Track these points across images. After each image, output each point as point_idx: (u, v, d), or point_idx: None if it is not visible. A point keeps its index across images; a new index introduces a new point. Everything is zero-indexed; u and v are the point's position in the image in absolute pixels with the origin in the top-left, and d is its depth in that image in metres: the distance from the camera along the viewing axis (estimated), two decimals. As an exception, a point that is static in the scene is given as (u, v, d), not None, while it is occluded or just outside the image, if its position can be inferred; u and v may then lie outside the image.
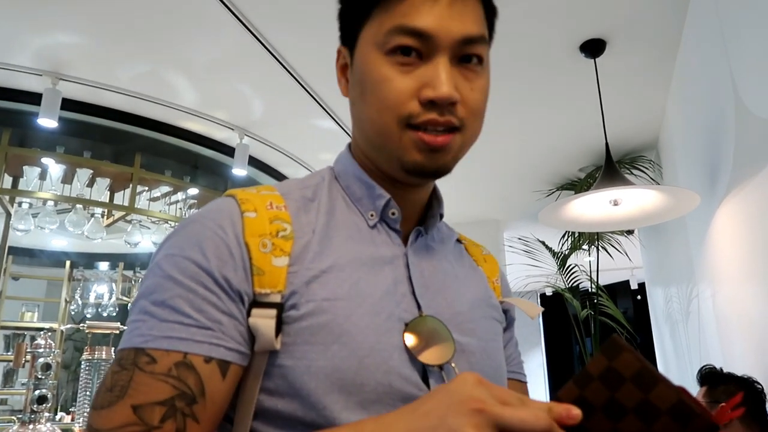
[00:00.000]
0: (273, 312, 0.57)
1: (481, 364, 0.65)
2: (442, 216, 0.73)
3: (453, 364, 0.61)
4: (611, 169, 2.34)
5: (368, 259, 0.63)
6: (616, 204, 2.32)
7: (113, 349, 2.87)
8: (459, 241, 0.80)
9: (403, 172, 0.64)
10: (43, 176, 3.05)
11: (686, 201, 2.18)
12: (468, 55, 0.62)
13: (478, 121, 0.65)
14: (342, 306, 0.58)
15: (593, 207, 2.39)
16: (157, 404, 0.51)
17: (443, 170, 0.64)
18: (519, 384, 0.79)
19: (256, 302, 0.57)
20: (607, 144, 2.48)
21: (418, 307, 0.63)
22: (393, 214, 0.68)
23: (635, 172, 3.51)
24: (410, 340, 0.59)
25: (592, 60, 2.57)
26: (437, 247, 0.72)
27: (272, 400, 0.57)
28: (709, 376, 1.83)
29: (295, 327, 0.57)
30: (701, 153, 2.44)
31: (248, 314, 0.57)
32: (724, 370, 1.84)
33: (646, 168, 3.52)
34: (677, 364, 3.56)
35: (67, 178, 3.10)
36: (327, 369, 0.55)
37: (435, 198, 0.73)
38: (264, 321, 0.56)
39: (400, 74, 0.61)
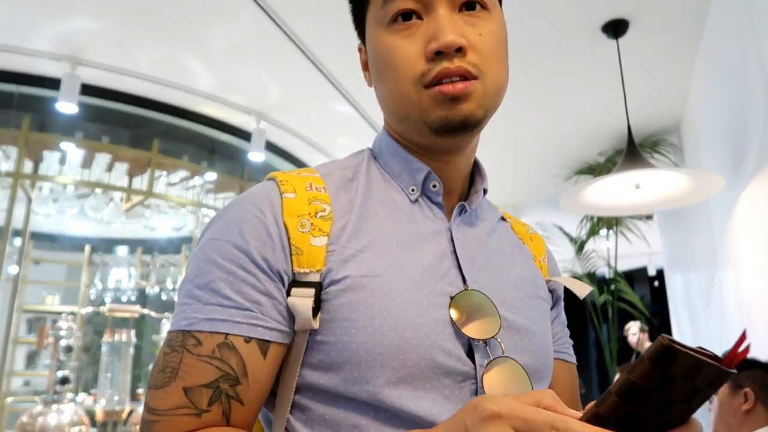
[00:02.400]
0: (311, 291, 0.57)
1: (526, 341, 0.63)
2: (485, 191, 0.71)
3: (498, 339, 0.60)
4: (633, 152, 2.30)
5: (407, 236, 0.62)
6: (637, 187, 2.29)
7: (133, 331, 2.91)
8: (504, 219, 0.77)
9: (433, 133, 0.62)
10: (62, 161, 3.07)
11: (709, 184, 2.14)
12: (469, 1, 0.61)
13: (497, 66, 0.62)
14: (381, 282, 0.58)
15: (614, 191, 2.35)
16: (204, 387, 0.54)
17: (471, 120, 0.60)
18: (566, 365, 0.76)
19: (296, 281, 0.58)
20: (629, 126, 2.44)
21: (464, 281, 0.62)
22: (434, 186, 0.66)
23: (656, 156, 3.45)
24: (455, 314, 0.59)
25: (615, 41, 2.52)
26: (482, 224, 0.71)
27: (315, 374, 0.58)
28: None
29: (334, 304, 0.57)
30: (726, 136, 2.39)
31: (288, 293, 0.58)
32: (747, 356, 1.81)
33: (668, 152, 3.46)
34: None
35: (87, 163, 3.12)
36: (368, 344, 0.56)
37: (478, 173, 0.72)
38: (302, 300, 0.57)
39: (404, 39, 0.61)
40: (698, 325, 3.40)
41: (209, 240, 0.60)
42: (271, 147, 3.56)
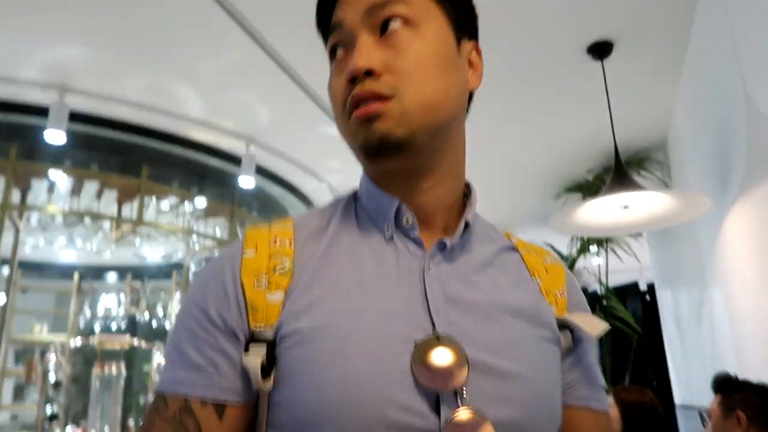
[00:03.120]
0: (263, 349, 0.56)
1: (512, 389, 0.56)
2: (467, 223, 0.65)
3: (464, 390, 0.54)
4: (621, 173, 2.32)
5: (373, 281, 0.59)
6: (626, 208, 2.31)
7: (123, 363, 2.87)
8: (515, 248, 0.71)
9: (365, 157, 0.61)
10: (51, 189, 3.05)
11: (697, 204, 2.17)
12: (386, 21, 0.60)
13: (422, 83, 0.58)
14: (331, 333, 0.55)
15: (603, 211, 2.37)
16: None
17: (390, 139, 0.57)
18: (593, 413, 0.67)
19: (254, 339, 0.57)
20: (616, 147, 2.46)
21: (433, 325, 0.56)
22: (407, 221, 0.63)
23: (643, 173, 3.49)
24: (417, 363, 0.53)
25: (600, 62, 2.55)
26: (472, 257, 0.65)
27: None
28: (724, 383, 1.81)
29: (284, 360, 0.55)
30: (711, 154, 2.42)
31: (247, 351, 0.56)
32: (739, 376, 1.82)
33: (655, 169, 3.50)
34: (689, 368, 3.53)
35: (75, 191, 3.10)
36: (313, 401, 0.53)
37: (469, 203, 0.68)
38: (253, 358, 0.55)
39: (337, 76, 0.63)
40: (690, 343, 3.41)
41: (184, 302, 0.61)
42: (262, 171, 3.56)
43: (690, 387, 3.61)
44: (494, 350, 0.57)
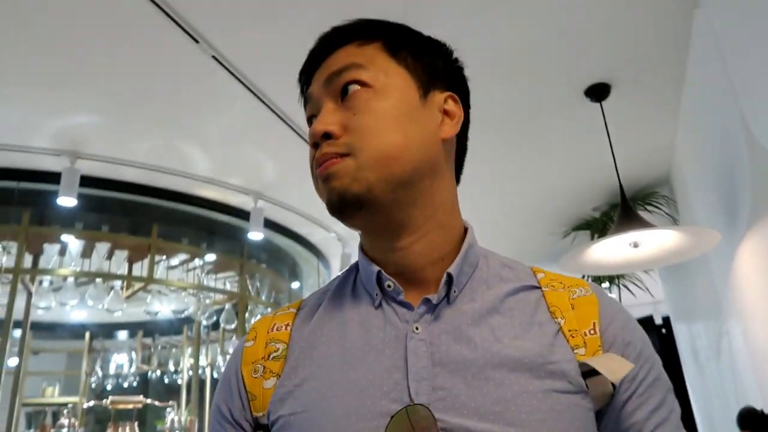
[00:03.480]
0: None
1: None
2: (450, 277, 0.61)
3: None
4: (627, 211, 2.33)
5: (357, 352, 0.59)
6: (635, 246, 2.30)
7: (136, 423, 2.84)
8: (536, 286, 0.65)
9: (332, 215, 0.62)
10: (62, 252, 3.09)
11: (707, 239, 2.16)
12: (344, 86, 0.62)
13: (379, 137, 0.59)
14: (307, 417, 0.56)
15: (613, 250, 2.37)
16: None
17: (347, 196, 0.59)
18: None
19: (258, 425, 0.61)
20: (621, 186, 2.48)
21: (410, 396, 0.55)
22: (389, 286, 0.62)
23: (650, 208, 3.49)
24: None
25: (598, 104, 2.60)
26: (473, 306, 0.61)
27: None
28: (750, 418, 1.77)
29: None
30: (716, 187, 2.43)
31: None
32: (765, 411, 1.78)
33: (661, 204, 3.50)
34: (712, 403, 3.45)
35: (86, 253, 3.13)
36: None
37: (465, 255, 0.64)
38: None
39: (312, 146, 0.64)
40: (711, 377, 3.34)
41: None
42: (270, 224, 3.59)
43: (713, 422, 3.51)
44: (484, 414, 0.53)
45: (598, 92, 2.56)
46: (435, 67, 0.67)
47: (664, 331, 6.54)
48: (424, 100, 0.64)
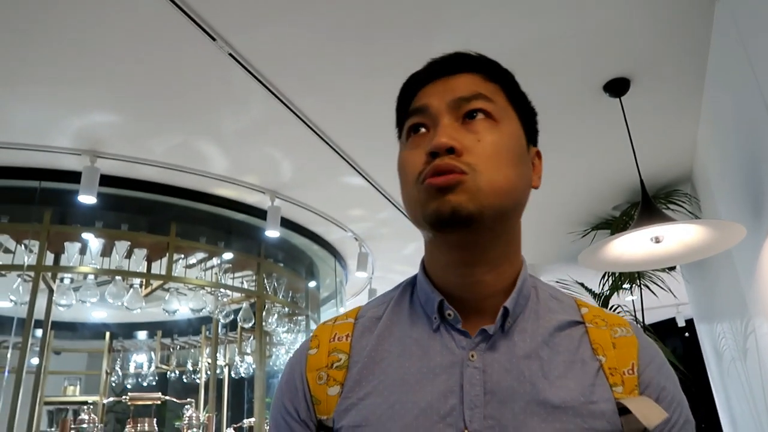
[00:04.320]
0: None
1: None
2: (506, 311, 0.66)
3: None
4: (649, 205, 2.28)
5: (416, 374, 0.64)
6: (657, 241, 2.26)
7: (155, 420, 2.85)
8: (580, 321, 0.69)
9: (432, 229, 0.64)
10: (83, 251, 3.12)
11: (732, 234, 2.11)
12: (470, 111, 0.66)
13: (496, 169, 0.63)
14: (369, 431, 0.61)
15: (634, 246, 2.32)
16: None
17: (461, 212, 0.61)
18: None
19: (321, 426, 0.67)
20: (642, 181, 2.43)
21: (464, 422, 0.59)
22: (449, 315, 0.67)
23: (672, 206, 3.43)
24: None
25: (618, 99, 2.56)
26: (527, 339, 0.66)
27: None
28: None
29: None
30: (741, 182, 2.37)
31: None
32: None
33: (683, 202, 3.44)
34: (738, 406, 3.37)
35: (106, 251, 3.16)
36: None
37: (521, 289, 0.68)
38: None
39: (413, 150, 0.67)
40: (737, 377, 3.26)
41: (274, 397, 0.73)
42: (287, 222, 3.60)
43: (737, 425, 3.42)
44: None
45: (617, 87, 2.52)
46: (532, 123, 0.75)
47: (687, 334, 6.42)
48: (527, 149, 0.71)
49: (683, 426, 0.65)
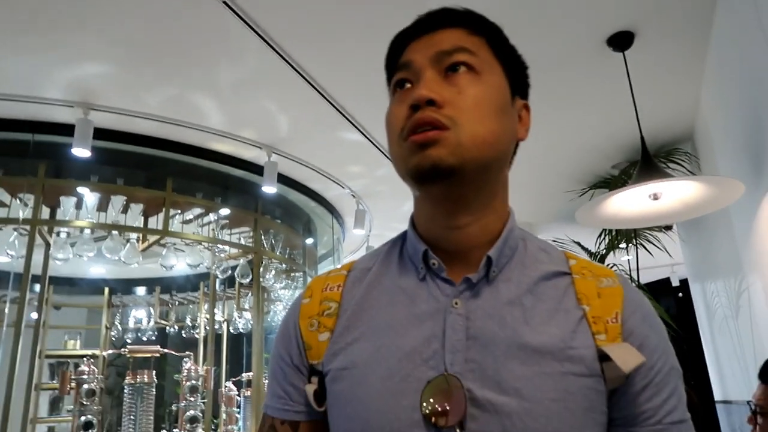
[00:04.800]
0: (316, 379, 0.70)
1: (516, 426, 0.59)
2: (490, 260, 0.67)
3: (464, 425, 0.59)
4: (648, 162, 2.27)
5: (403, 320, 0.66)
6: (656, 198, 2.25)
7: (155, 372, 2.89)
8: (567, 273, 0.70)
9: (414, 181, 0.66)
10: (78, 205, 3.11)
11: (730, 190, 2.10)
12: (452, 64, 0.67)
13: (478, 121, 0.64)
14: (356, 373, 0.65)
15: (632, 203, 2.32)
16: None
17: (441, 166, 0.62)
18: None
19: (313, 371, 0.70)
20: (642, 137, 2.41)
21: (446, 364, 0.62)
22: (434, 264, 0.69)
23: (672, 165, 3.41)
24: (425, 400, 0.61)
25: (621, 53, 2.51)
26: (510, 287, 0.67)
27: None
28: None
29: (329, 392, 0.68)
30: (742, 140, 2.35)
31: (309, 381, 0.71)
32: None
33: (683, 160, 3.42)
34: (728, 363, 3.43)
35: (102, 206, 3.15)
36: (343, 428, 0.65)
37: (506, 239, 0.69)
38: (310, 387, 0.70)
39: (398, 104, 0.69)
40: (729, 335, 3.31)
41: (273, 346, 0.77)
42: (284, 179, 3.58)
43: (729, 382, 3.50)
44: (505, 388, 0.60)
45: (621, 41, 2.47)
46: (520, 76, 0.75)
47: (680, 294, 6.49)
48: (512, 101, 0.72)
49: (668, 373, 0.66)
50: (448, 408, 0.59)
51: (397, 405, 0.61)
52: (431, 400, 0.60)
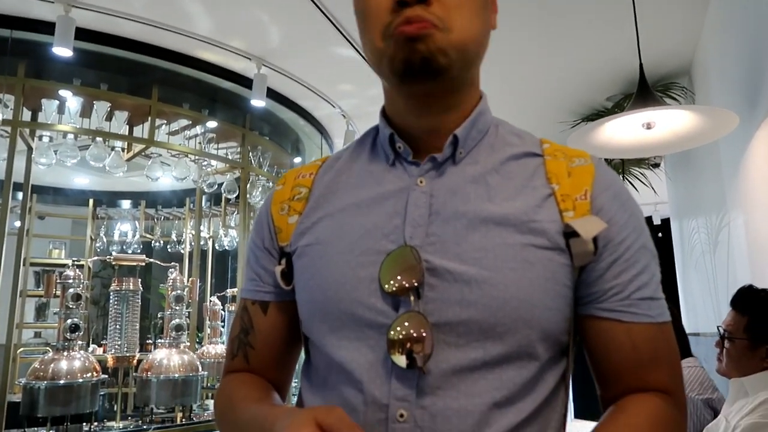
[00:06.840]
0: (283, 260, 0.73)
1: (477, 293, 0.60)
2: (456, 138, 0.68)
3: (420, 293, 0.61)
4: (645, 91, 2.23)
5: (368, 200, 0.68)
6: (649, 127, 2.24)
7: (140, 280, 2.91)
8: (539, 154, 0.70)
9: (398, 79, 0.65)
10: (61, 109, 3.01)
11: (724, 122, 2.09)
12: None
13: (465, 20, 0.63)
14: (319, 249, 0.68)
15: (625, 131, 2.30)
16: (235, 337, 0.77)
17: (432, 63, 0.62)
18: (622, 325, 0.64)
19: (283, 253, 0.73)
20: (641, 65, 2.37)
21: (405, 238, 0.64)
22: (399, 148, 0.70)
23: (667, 100, 3.38)
24: (383, 271, 0.63)
25: (628, -25, 2.42)
26: (474, 168, 0.68)
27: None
28: (751, 297, 1.72)
29: (295, 268, 0.71)
30: (739, 76, 2.32)
31: (280, 263, 0.73)
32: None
33: (679, 95, 3.39)
34: (701, 297, 3.54)
35: (86, 112, 3.06)
36: (306, 300, 0.69)
37: (475, 120, 0.70)
38: (278, 268, 0.73)
39: None
40: (704, 270, 3.40)
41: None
42: (273, 95, 3.49)
43: (700, 315, 3.63)
44: (465, 259, 0.62)
45: (629, -39, 2.37)
46: None
47: (660, 234, 6.61)
48: None
49: (638, 251, 0.65)
50: (404, 277, 0.61)
51: (355, 276, 0.64)
52: (391, 271, 0.62)
